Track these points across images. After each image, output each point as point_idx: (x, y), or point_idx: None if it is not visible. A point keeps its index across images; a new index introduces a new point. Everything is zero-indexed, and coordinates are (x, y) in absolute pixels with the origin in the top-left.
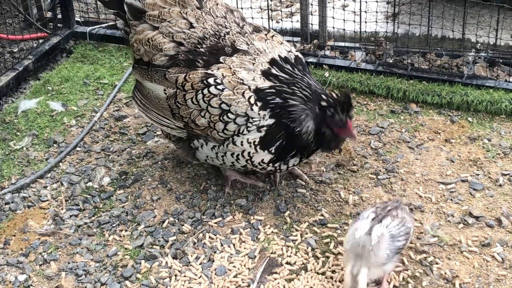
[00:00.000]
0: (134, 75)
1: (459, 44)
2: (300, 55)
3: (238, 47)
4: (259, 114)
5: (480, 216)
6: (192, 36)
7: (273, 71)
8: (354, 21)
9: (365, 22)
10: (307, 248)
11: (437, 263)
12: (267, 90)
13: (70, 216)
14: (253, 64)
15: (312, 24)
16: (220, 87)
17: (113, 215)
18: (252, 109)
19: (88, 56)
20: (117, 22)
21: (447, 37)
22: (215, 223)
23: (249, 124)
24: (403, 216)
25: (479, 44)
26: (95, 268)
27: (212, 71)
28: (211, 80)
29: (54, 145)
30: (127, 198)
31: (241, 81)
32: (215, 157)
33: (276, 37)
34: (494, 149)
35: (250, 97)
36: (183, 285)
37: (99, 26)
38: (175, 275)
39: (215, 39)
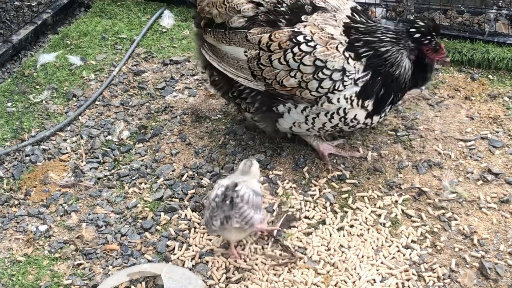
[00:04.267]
0: (207, 39)
1: (481, 1)
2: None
3: (317, 5)
4: (354, 67)
5: (499, 173)
6: None
7: (354, 26)
8: None
9: None
10: (325, 202)
11: (455, 219)
12: (356, 44)
13: (90, 168)
14: (335, 21)
15: None
16: (311, 43)
17: (133, 168)
18: (348, 63)
19: (106, 10)
20: None
21: None
22: None
23: (345, 78)
24: (243, 208)
25: (501, 1)
26: (115, 219)
27: (299, 29)
28: (300, 38)
29: (74, 98)
30: (146, 152)
31: (332, 36)
32: (304, 121)
33: None
34: None
35: (344, 51)
36: (202, 237)
37: None
38: (194, 227)
39: None
